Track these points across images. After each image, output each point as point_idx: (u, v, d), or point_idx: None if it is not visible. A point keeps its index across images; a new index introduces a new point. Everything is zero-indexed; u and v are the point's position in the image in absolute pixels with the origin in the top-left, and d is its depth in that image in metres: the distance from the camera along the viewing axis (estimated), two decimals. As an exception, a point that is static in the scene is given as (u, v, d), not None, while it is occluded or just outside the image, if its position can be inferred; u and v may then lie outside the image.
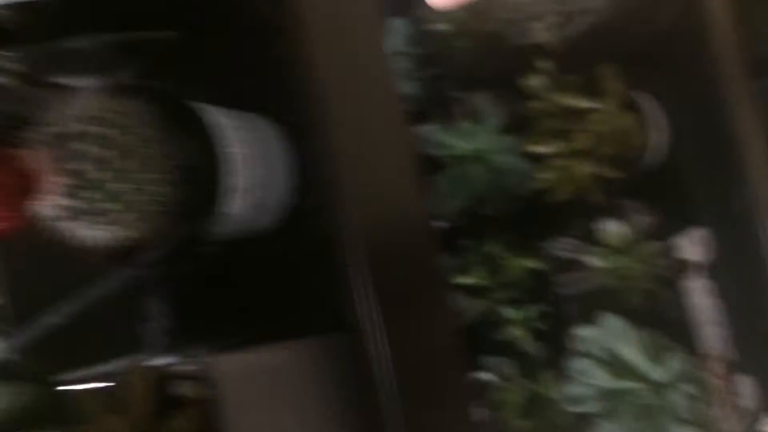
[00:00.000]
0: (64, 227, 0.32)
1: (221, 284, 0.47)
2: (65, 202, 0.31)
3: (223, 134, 0.38)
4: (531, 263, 0.69)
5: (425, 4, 0.72)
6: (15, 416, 0.29)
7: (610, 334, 0.61)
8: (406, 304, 0.39)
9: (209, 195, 0.37)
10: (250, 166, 0.38)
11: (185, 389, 0.34)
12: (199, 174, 0.36)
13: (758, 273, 0.58)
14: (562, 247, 0.66)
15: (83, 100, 0.32)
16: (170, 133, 0.34)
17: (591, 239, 0.65)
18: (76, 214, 0.32)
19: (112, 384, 0.37)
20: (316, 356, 0.37)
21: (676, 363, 0.58)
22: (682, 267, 0.62)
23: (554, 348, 0.67)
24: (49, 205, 0.31)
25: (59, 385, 0.34)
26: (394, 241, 0.38)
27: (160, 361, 0.52)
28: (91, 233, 0.32)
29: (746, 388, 0.61)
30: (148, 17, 0.42)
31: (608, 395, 0.61)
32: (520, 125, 0.70)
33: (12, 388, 0.29)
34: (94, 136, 0.31)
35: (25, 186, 0.29)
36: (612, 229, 0.63)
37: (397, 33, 0.75)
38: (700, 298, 0.63)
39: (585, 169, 0.65)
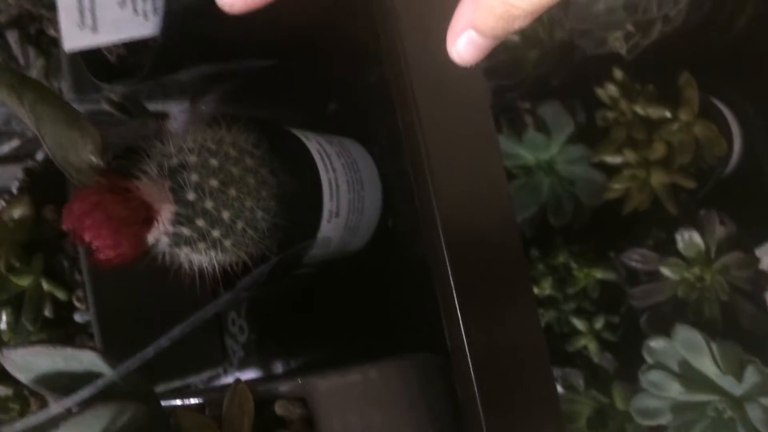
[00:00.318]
0: (173, 254, 0.33)
1: (312, 304, 0.48)
2: (174, 230, 0.33)
3: (319, 159, 0.39)
4: (601, 274, 0.68)
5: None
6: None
7: (684, 346, 0.59)
8: (495, 322, 0.39)
9: (306, 220, 0.38)
10: (343, 190, 0.39)
11: (283, 410, 0.34)
12: (298, 199, 0.37)
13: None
14: (636, 258, 0.65)
15: (194, 132, 0.34)
16: (270, 159, 0.35)
17: (666, 250, 0.64)
18: (184, 242, 0.33)
19: (202, 401, 0.37)
20: (408, 376, 0.37)
21: (753, 375, 0.56)
22: (762, 278, 0.60)
23: (626, 360, 0.66)
24: (160, 233, 0.33)
25: (159, 401, 0.35)
26: (484, 259, 0.39)
27: (245, 375, 0.53)
28: (198, 259, 0.33)
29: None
30: (245, 46, 0.43)
31: (682, 408, 0.59)
32: (590, 135, 0.70)
33: (114, 406, 0.29)
34: (207, 167, 0.33)
35: (141, 216, 0.31)
36: (688, 239, 0.62)
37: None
38: (781, 310, 0.61)
39: (660, 178, 0.65)
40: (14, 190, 0.46)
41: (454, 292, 0.36)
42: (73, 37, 0.34)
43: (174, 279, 0.34)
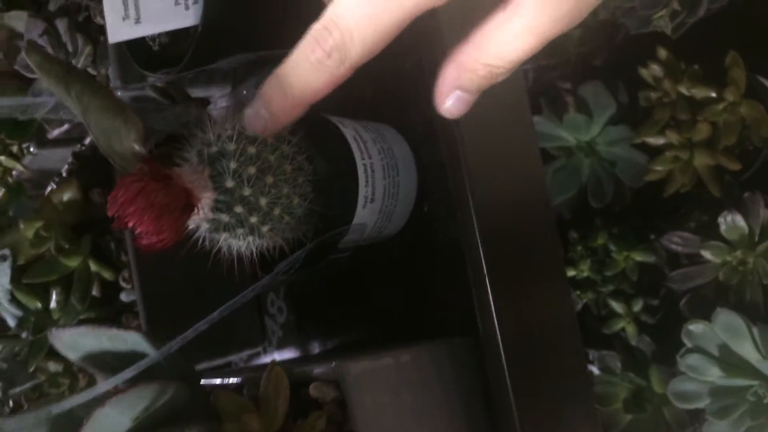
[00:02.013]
0: (212, 239, 0.35)
1: (348, 287, 0.49)
2: (214, 216, 0.34)
3: (355, 145, 0.39)
4: (641, 256, 0.68)
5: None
6: (159, 414, 0.31)
7: (724, 330, 0.59)
8: (527, 306, 0.39)
9: (342, 206, 0.39)
10: (379, 176, 0.40)
11: (317, 392, 0.35)
12: (333, 185, 0.37)
13: None
14: (677, 240, 0.65)
15: (233, 120, 0.35)
16: (307, 146, 0.36)
17: (708, 233, 0.63)
18: (223, 227, 0.34)
19: (241, 380, 0.39)
20: (440, 359, 0.37)
21: (796, 362, 0.55)
22: (807, 263, 0.59)
23: (664, 343, 0.65)
24: (200, 219, 0.34)
25: (199, 381, 0.36)
26: (517, 244, 0.39)
27: (283, 355, 0.54)
28: (236, 244, 0.34)
29: None
30: (281, 33, 0.44)
31: (721, 392, 0.59)
32: (633, 116, 0.69)
33: (157, 386, 0.30)
34: (245, 154, 0.34)
35: (182, 203, 0.32)
36: (731, 222, 0.61)
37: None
38: (826, 296, 0.60)
39: (704, 160, 0.64)
40: (64, 173, 0.47)
41: (485, 275, 0.37)
42: (118, 29, 0.35)
43: (215, 262, 0.35)
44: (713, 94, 0.62)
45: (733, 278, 0.61)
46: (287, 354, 0.53)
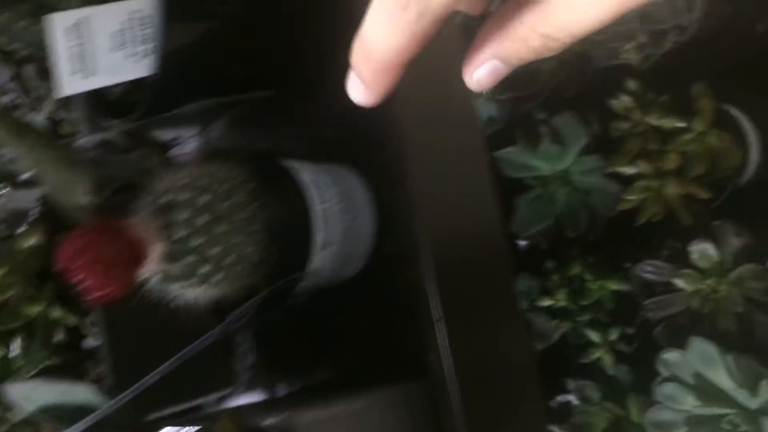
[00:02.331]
0: (163, 290, 0.35)
1: (311, 329, 0.49)
2: (164, 267, 0.34)
3: (311, 190, 0.39)
4: (615, 285, 0.68)
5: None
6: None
7: (699, 359, 0.59)
8: (482, 349, 0.39)
9: (298, 251, 0.39)
10: (336, 219, 0.40)
11: None
12: (289, 232, 0.37)
13: None
14: (650, 269, 0.65)
15: (185, 169, 0.35)
16: (261, 193, 0.36)
17: (681, 261, 0.64)
18: (175, 278, 0.34)
19: (198, 428, 0.38)
20: (394, 405, 0.37)
21: (769, 390, 0.55)
22: (777, 290, 0.59)
23: (641, 372, 0.65)
24: (150, 270, 0.34)
25: (151, 429, 0.36)
26: (472, 287, 0.39)
27: (246, 399, 0.54)
28: (190, 293, 0.35)
29: None
30: (241, 79, 0.44)
31: (697, 421, 0.59)
32: (605, 146, 0.70)
33: None
34: (197, 203, 0.34)
35: (131, 255, 0.32)
36: (702, 251, 0.62)
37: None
38: (797, 323, 0.60)
39: (674, 189, 0.64)
40: (30, 219, 0.48)
41: (437, 317, 0.37)
42: (69, 83, 0.36)
43: (176, 309, 0.35)
44: (682, 125, 0.63)
45: (706, 306, 0.62)
46: (255, 396, 0.53)
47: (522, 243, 0.78)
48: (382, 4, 0.27)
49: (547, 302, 0.71)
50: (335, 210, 0.40)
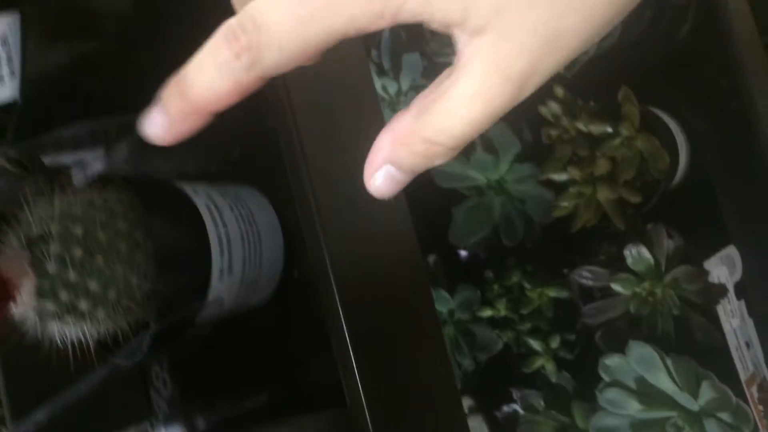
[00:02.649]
0: (44, 328, 0.32)
1: (226, 359, 0.47)
2: (38, 304, 0.31)
3: (207, 215, 0.36)
4: (554, 293, 0.68)
5: (437, 38, 0.73)
6: None
7: (639, 363, 0.59)
8: (397, 372, 0.37)
9: (194, 281, 0.36)
10: (237, 245, 0.37)
11: None
12: (179, 261, 0.35)
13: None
14: (588, 275, 0.65)
15: (62, 198, 0.32)
16: (147, 220, 0.33)
17: (616, 266, 0.64)
18: (51, 315, 0.31)
19: None
20: None
21: (709, 392, 0.56)
22: (713, 290, 0.60)
23: (583, 378, 0.65)
24: (25, 309, 0.31)
25: None
26: (385, 310, 0.37)
27: (170, 431, 0.51)
28: (71, 332, 0.32)
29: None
30: (124, 100, 0.42)
31: (641, 426, 0.59)
32: (538, 153, 0.70)
33: None
34: (71, 235, 0.31)
35: (2, 292, 0.29)
36: (636, 254, 0.62)
37: (410, 67, 0.75)
38: (733, 321, 0.61)
39: (606, 194, 0.64)
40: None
41: (348, 344, 0.35)
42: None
43: (67, 356, 0.32)
44: (609, 130, 0.64)
45: (644, 309, 0.62)
46: (173, 430, 0.51)
47: (463, 253, 0.77)
48: (215, 48, 0.27)
49: (488, 312, 0.70)
50: (235, 235, 0.37)
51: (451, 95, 0.27)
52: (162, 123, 0.29)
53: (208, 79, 0.28)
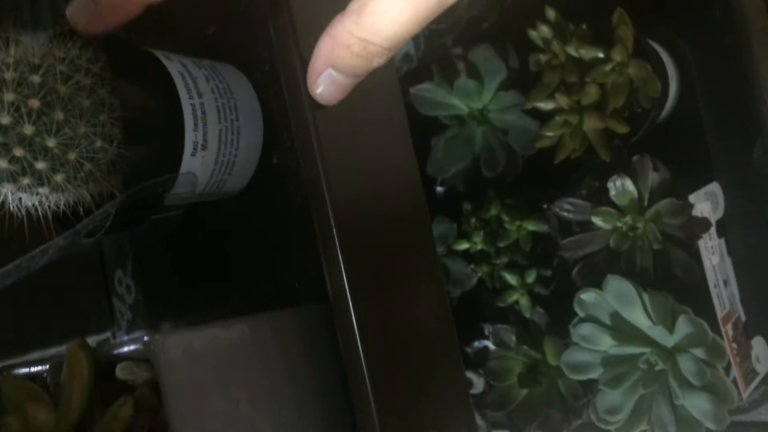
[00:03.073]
0: None
1: (196, 257, 0.44)
2: None
3: (180, 81, 0.33)
4: (533, 226, 0.65)
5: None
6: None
7: (615, 298, 0.57)
8: (386, 274, 0.35)
9: (164, 152, 0.33)
10: (213, 119, 0.34)
11: (126, 373, 0.30)
12: (148, 127, 0.32)
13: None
14: (568, 208, 0.62)
15: (15, 45, 0.29)
16: (113, 78, 0.30)
17: (599, 199, 0.61)
18: (5, 177, 0.28)
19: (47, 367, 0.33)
20: (284, 330, 0.32)
21: (685, 326, 0.54)
22: (695, 225, 0.58)
23: (558, 314, 0.63)
24: None
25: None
26: (375, 205, 0.35)
27: (126, 337, 0.48)
28: (27, 198, 0.29)
29: (759, 349, 0.57)
30: None
31: (613, 361, 0.57)
32: (524, 81, 0.66)
33: None
34: (27, 84, 0.28)
35: None
36: (620, 187, 0.59)
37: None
38: (713, 257, 0.59)
39: (593, 124, 0.61)
40: None
41: (335, 234, 0.32)
42: None
43: (23, 226, 0.30)
44: (601, 54, 0.60)
45: (623, 244, 0.60)
46: (138, 337, 0.48)
47: (440, 186, 0.75)
48: None
49: (464, 245, 0.68)
50: (210, 107, 0.34)
51: None
52: (91, 10, 0.30)
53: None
